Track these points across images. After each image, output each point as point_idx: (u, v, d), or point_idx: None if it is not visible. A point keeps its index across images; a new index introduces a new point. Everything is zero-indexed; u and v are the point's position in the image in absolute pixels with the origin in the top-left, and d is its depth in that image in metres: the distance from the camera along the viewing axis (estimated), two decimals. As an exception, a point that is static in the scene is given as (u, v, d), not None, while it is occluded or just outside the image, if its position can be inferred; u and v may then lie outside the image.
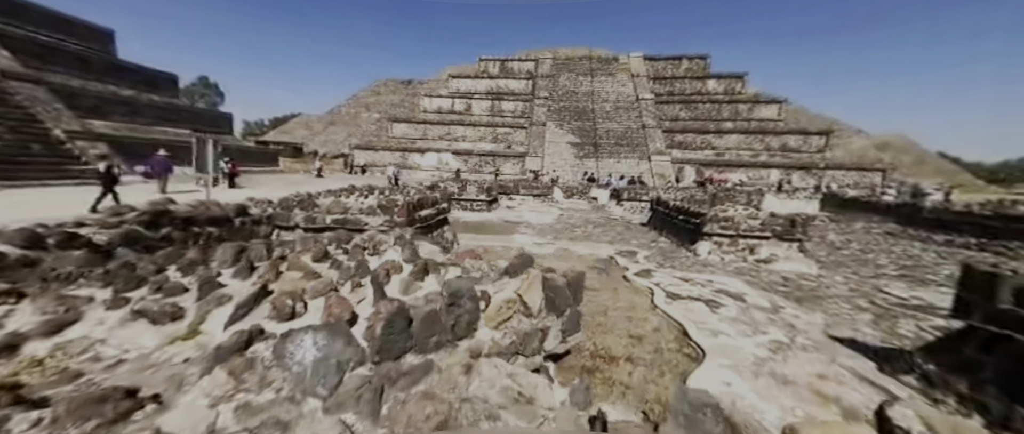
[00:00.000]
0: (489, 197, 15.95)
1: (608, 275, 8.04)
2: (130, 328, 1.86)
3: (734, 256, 9.16)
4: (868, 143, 46.99)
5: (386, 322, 1.83)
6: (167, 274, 2.33)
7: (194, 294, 2.10)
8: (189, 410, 1.38)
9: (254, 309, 1.99)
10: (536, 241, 10.89)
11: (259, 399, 1.49)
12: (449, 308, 2.11)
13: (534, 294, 2.64)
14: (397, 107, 55.74)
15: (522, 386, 1.67)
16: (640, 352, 4.89)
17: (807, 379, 4.08)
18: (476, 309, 2.28)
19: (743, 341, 4.97)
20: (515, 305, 2.51)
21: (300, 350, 1.64)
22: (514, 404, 1.61)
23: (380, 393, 1.57)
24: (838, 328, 5.48)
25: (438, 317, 2.08)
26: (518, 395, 1.63)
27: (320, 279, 2.31)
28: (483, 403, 1.58)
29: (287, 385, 1.58)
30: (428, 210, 8.11)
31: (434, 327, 2.06)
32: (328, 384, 1.58)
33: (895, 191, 21.09)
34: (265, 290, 2.11)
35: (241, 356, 1.62)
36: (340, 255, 2.87)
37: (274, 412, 1.45)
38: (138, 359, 1.73)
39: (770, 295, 6.74)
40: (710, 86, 39.95)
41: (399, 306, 1.89)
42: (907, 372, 4.01)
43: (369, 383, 1.57)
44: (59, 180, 13.45)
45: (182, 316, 1.95)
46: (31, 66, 16.12)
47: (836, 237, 12.64)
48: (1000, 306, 3.40)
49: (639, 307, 6.25)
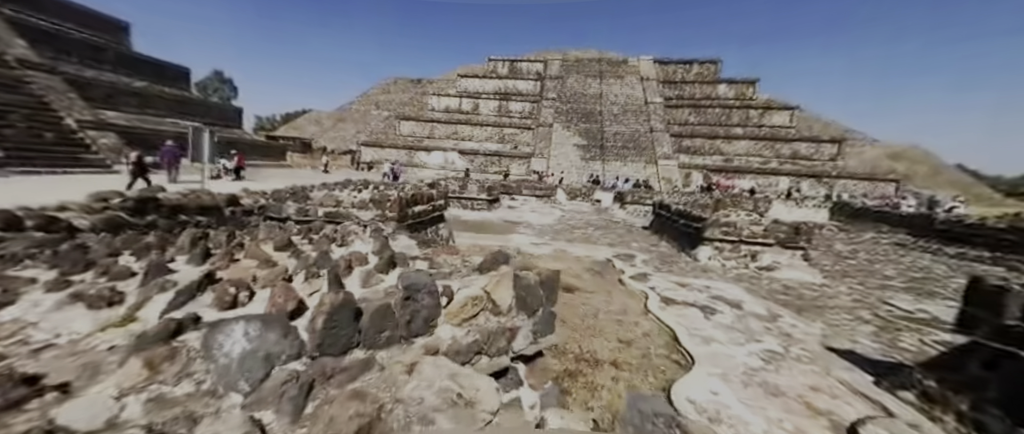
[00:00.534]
0: (490, 197, 15.85)
1: (603, 278, 7.88)
2: (65, 312, 1.79)
3: (735, 262, 8.92)
4: (882, 153, 45.95)
5: (329, 314, 1.72)
6: (119, 258, 2.26)
7: (140, 279, 2.02)
8: (93, 401, 1.28)
9: (196, 297, 1.90)
10: (534, 241, 10.76)
11: (175, 392, 1.39)
12: (404, 302, 2.00)
13: (504, 292, 2.52)
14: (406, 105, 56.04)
15: (463, 387, 1.56)
16: (627, 357, 4.74)
17: (799, 391, 3.90)
18: (436, 305, 2.17)
19: (735, 349, 4.79)
20: (482, 302, 2.39)
21: (229, 341, 1.55)
22: (452, 407, 1.49)
23: (308, 390, 1.47)
24: (837, 339, 5.26)
25: (391, 312, 1.98)
26: (457, 397, 1.52)
27: (274, 268, 2.21)
28: (417, 405, 1.47)
29: (210, 378, 1.48)
30: (422, 206, 8.03)
31: (386, 322, 1.96)
32: (252, 378, 1.48)
33: (915, 201, 20.48)
34: (212, 277, 2.02)
35: (166, 345, 1.52)
36: (305, 244, 2.78)
37: (190, 406, 1.36)
38: (68, 345, 1.65)
39: (769, 303, 6.52)
40: (721, 91, 39.45)
41: (345, 298, 1.78)
42: (906, 387, 3.80)
43: (296, 379, 1.47)
44: (70, 168, 13.67)
45: (121, 301, 1.87)
46: (46, 56, 16.47)
47: (843, 247, 12.28)
48: (1007, 322, 3.20)
49: (632, 311, 6.09)
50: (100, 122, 16.27)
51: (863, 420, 1.87)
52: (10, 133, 12.85)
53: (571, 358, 4.63)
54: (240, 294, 1.91)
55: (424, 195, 8.31)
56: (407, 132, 40.51)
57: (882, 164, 41.44)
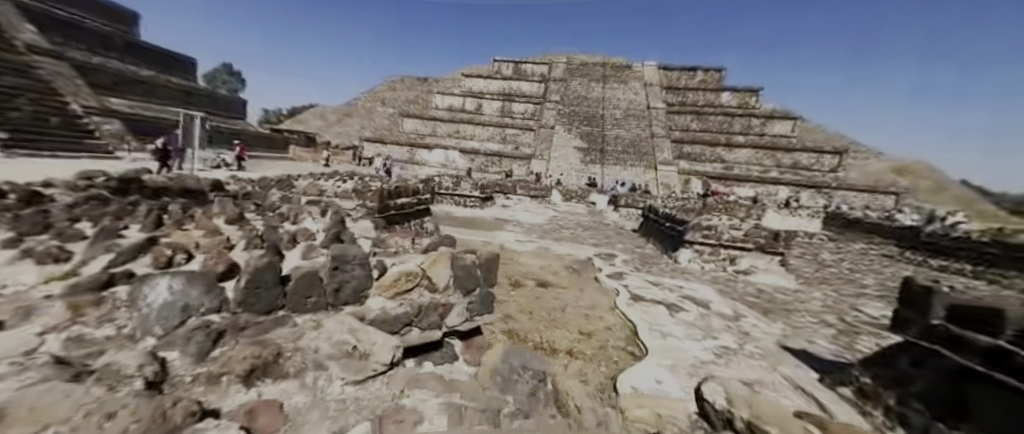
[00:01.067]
0: (483, 195, 16.03)
1: (580, 275, 8.02)
2: (15, 267, 1.97)
3: (714, 265, 9.03)
4: (886, 166, 45.66)
5: (252, 276, 1.89)
6: (76, 224, 2.45)
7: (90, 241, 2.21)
8: (17, 335, 1.46)
9: (137, 258, 2.08)
10: (519, 239, 10.91)
11: (95, 333, 1.57)
12: (333, 272, 2.16)
13: (440, 270, 2.68)
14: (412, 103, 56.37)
15: (360, 341, 1.72)
16: (584, 347, 4.88)
17: (742, 385, 4.02)
18: (367, 277, 2.33)
19: (691, 344, 4.92)
20: (417, 279, 2.55)
21: (153, 293, 1.72)
22: (346, 357, 1.65)
23: (217, 338, 1.64)
24: (795, 340, 5.37)
25: (318, 279, 2.14)
26: (352, 349, 1.68)
27: (218, 237, 2.39)
28: (313, 353, 1.63)
29: (131, 324, 1.65)
30: (406, 199, 8.21)
31: (312, 289, 2.12)
32: (168, 325, 1.65)
33: (917, 216, 20.38)
34: (155, 241, 2.20)
35: (94, 294, 1.70)
36: (257, 220, 2.96)
37: (106, 346, 1.53)
38: (12, 295, 1.83)
39: (737, 304, 6.63)
40: (724, 99, 39.39)
41: (269, 262, 1.95)
42: (845, 384, 3.92)
43: (208, 328, 1.64)
44: (73, 152, 13.99)
45: (68, 259, 2.05)
46: (55, 42, 16.86)
47: (830, 256, 12.33)
48: (932, 321, 3.31)
49: (600, 306, 6.23)
50: (105, 109, 16.63)
51: (706, 379, 2.02)
52: (16, 116, 13.19)
53: (529, 346, 4.78)
54: (177, 256, 2.08)
55: (409, 188, 8.49)
56: (410, 129, 40.79)
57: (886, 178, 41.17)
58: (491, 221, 13.86)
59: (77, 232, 2.26)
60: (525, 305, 6.00)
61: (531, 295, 6.50)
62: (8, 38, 15.31)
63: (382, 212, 6.89)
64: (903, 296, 3.68)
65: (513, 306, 5.94)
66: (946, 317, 3.24)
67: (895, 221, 15.15)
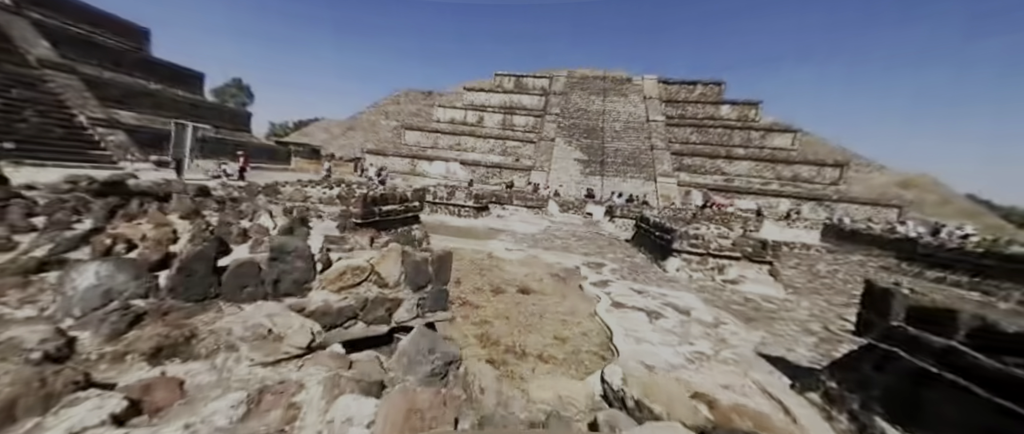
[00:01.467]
0: (478, 204, 16.11)
1: (565, 283, 7.99)
2: (-40, 254, 2.04)
3: (702, 274, 8.96)
4: (889, 179, 45.30)
5: (182, 264, 1.94)
6: (32, 218, 2.53)
7: (39, 233, 2.28)
8: (-64, 311, 1.52)
9: (79, 247, 2.15)
10: (509, 247, 10.92)
11: (15, 313, 1.62)
12: (272, 262, 2.21)
13: (390, 266, 2.71)
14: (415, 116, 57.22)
15: (276, 325, 1.75)
16: (556, 352, 4.85)
17: (708, 388, 3.95)
18: (310, 269, 2.37)
19: (664, 350, 4.86)
20: (365, 273, 2.59)
21: (80, 278, 1.77)
22: (259, 339, 1.68)
23: (134, 320, 1.68)
24: (774, 347, 5.28)
25: (255, 270, 2.19)
26: (267, 333, 1.71)
27: (165, 229, 2.46)
28: (227, 335, 1.67)
29: (54, 306, 1.70)
30: (393, 206, 8.29)
31: (249, 279, 2.17)
32: (87, 308, 1.70)
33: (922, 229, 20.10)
34: (99, 232, 2.27)
35: (21, 278, 1.76)
36: (213, 216, 3.03)
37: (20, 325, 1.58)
38: (-46, 279, 1.89)
39: (719, 312, 6.56)
40: (723, 112, 39.59)
41: (201, 251, 2.00)
42: (813, 389, 3.85)
43: (126, 310, 1.68)
44: (76, 162, 14.32)
45: (13, 248, 2.12)
46: (67, 57, 17.47)
47: (825, 267, 12.18)
48: (892, 323, 3.27)
49: (579, 313, 6.19)
50: (111, 120, 17.07)
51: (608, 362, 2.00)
52: (23, 127, 13.59)
53: (501, 349, 4.76)
54: (118, 246, 2.15)
55: (396, 196, 8.58)
56: (412, 141, 41.34)
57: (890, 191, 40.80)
58: (484, 230, 13.89)
59: (29, 225, 2.33)
60: (503, 310, 5.99)
61: (511, 301, 6.48)
62: (22, 52, 15.91)
63: (366, 218, 6.97)
64: (865, 298, 3.65)
65: (490, 311, 5.93)
66: (905, 319, 3.21)
67: (896, 233, 14.97)
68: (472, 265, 8.46)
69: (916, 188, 47.63)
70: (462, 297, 6.37)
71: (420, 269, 2.85)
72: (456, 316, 5.66)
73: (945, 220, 31.61)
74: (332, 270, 2.50)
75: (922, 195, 46.31)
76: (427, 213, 15.99)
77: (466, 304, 6.10)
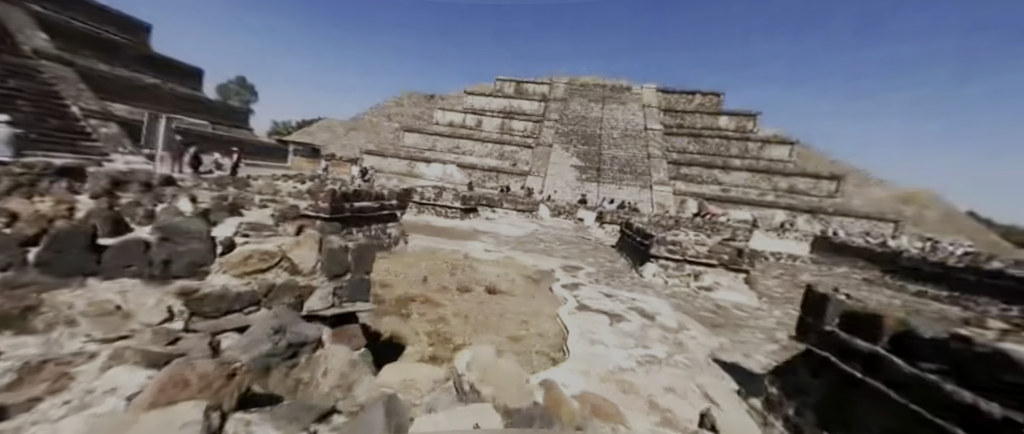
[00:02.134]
0: (465, 206, 16.09)
1: (537, 285, 7.94)
2: None
3: (678, 280, 8.89)
4: (889, 194, 45.10)
5: (51, 240, 1.93)
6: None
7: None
8: None
9: (-32, 220, 2.13)
10: (488, 249, 10.88)
11: None
12: (161, 242, 2.19)
13: (305, 253, 2.69)
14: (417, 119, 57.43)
15: (128, 301, 1.73)
16: (506, 350, 4.79)
17: (652, 391, 3.90)
18: (207, 252, 2.35)
19: (617, 352, 4.80)
20: (274, 259, 2.56)
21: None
22: (102, 315, 1.66)
23: (-14, 290, 1.66)
24: (731, 353, 5.22)
25: (140, 249, 2.17)
26: (115, 309, 1.69)
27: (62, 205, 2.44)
28: (67, 309, 1.64)
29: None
30: (368, 203, 8.28)
31: (132, 258, 2.14)
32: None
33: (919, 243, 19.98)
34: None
35: None
36: (128, 197, 3.02)
37: None
38: None
39: (685, 318, 6.49)
40: (722, 122, 39.64)
41: (73, 227, 1.99)
42: (757, 395, 3.79)
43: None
44: (68, 153, 14.38)
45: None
46: (64, 48, 17.65)
47: (809, 277, 12.07)
48: (826, 329, 3.22)
49: (543, 314, 6.14)
50: (105, 112, 17.19)
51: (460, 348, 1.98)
52: (16, 117, 13.68)
53: (450, 346, 4.72)
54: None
55: (371, 193, 8.58)
56: (410, 143, 41.50)
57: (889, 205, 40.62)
58: (469, 232, 13.87)
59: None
60: (463, 309, 5.94)
61: (475, 300, 6.44)
62: (18, 43, 16.08)
63: (335, 213, 6.95)
64: (805, 303, 3.60)
65: (451, 309, 5.89)
66: (839, 324, 3.16)
67: (884, 246, 14.87)
68: (445, 264, 8.42)
69: (916, 203, 47.36)
70: (425, 295, 6.33)
71: (338, 258, 2.82)
72: (413, 312, 5.63)
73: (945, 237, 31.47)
74: (235, 254, 2.47)
75: (922, 211, 46.04)
76: (414, 213, 15.99)
77: (428, 302, 6.06)
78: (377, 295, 6.12)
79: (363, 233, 8.08)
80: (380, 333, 4.80)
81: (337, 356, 1.61)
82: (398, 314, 5.44)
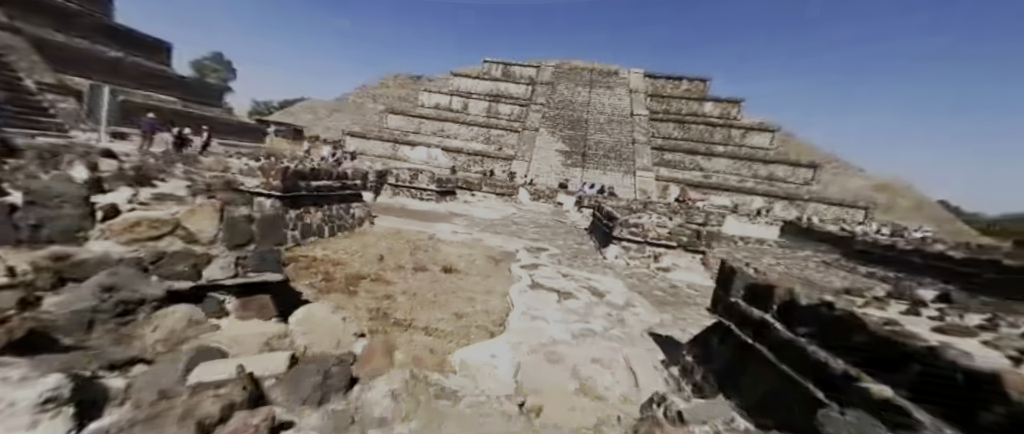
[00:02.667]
0: (441, 188, 16.01)
1: (497, 265, 8.01)
2: None
3: (639, 262, 9.08)
4: (866, 183, 46.29)
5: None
6: None
7: None
8: None
9: None
10: (457, 230, 10.90)
11: None
12: (28, 206, 2.15)
13: (202, 221, 2.67)
14: (403, 101, 56.28)
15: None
16: (446, 326, 4.89)
17: (579, 361, 4.03)
18: (83, 217, 2.31)
19: (556, 327, 4.94)
20: (167, 227, 2.54)
21: None
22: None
23: None
24: (670, 329, 5.40)
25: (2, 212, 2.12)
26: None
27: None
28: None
29: None
30: (327, 182, 8.18)
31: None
32: None
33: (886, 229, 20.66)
34: None
35: None
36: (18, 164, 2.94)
37: None
38: None
39: (634, 296, 6.67)
40: (706, 108, 39.79)
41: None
42: (676, 364, 3.96)
43: None
44: (23, 129, 13.76)
45: None
46: (14, 17, 16.67)
47: (771, 260, 12.44)
48: (731, 300, 3.36)
49: (494, 292, 6.23)
50: (62, 86, 16.42)
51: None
52: (-37, 88, 13.00)
53: (389, 322, 4.78)
54: None
55: (332, 173, 8.46)
56: (394, 125, 40.76)
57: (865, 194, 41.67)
58: (444, 214, 13.84)
59: None
60: (415, 287, 5.99)
61: (429, 279, 6.49)
62: (-38, 10, 15.14)
63: (289, 191, 6.85)
64: (719, 276, 3.73)
65: (400, 287, 5.93)
66: (743, 296, 3.29)
67: (844, 232, 15.36)
68: (408, 245, 8.44)
69: (891, 192, 48.72)
70: (378, 274, 6.36)
71: (240, 228, 2.80)
72: (361, 290, 5.66)
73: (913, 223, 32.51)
74: (119, 220, 2.45)
75: (896, 199, 47.44)
76: (389, 196, 15.85)
77: (379, 280, 6.09)
78: (327, 272, 6.13)
79: (323, 213, 8.01)
80: (321, 308, 4.83)
81: (175, 316, 1.64)
82: (345, 291, 5.47)
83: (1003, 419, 1.41)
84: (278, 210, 5.59)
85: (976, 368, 1.51)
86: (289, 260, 6.36)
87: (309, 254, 6.76)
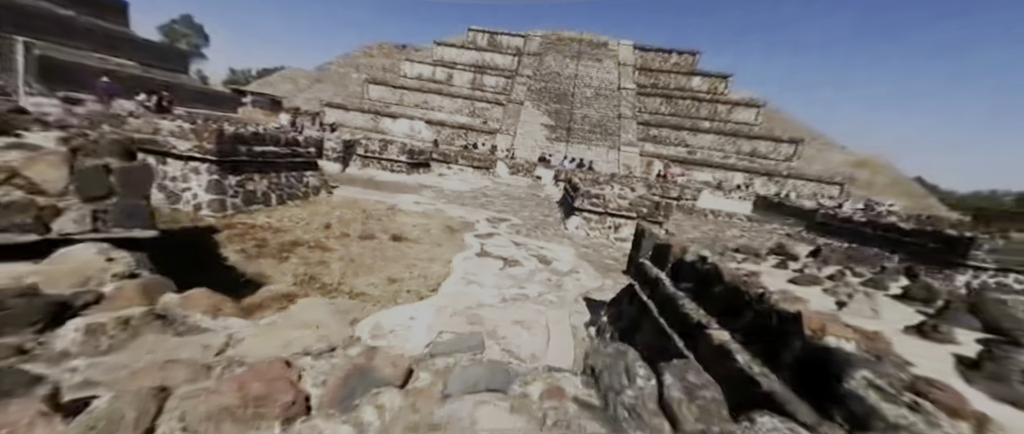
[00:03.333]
0: (412, 160, 15.66)
1: (452, 235, 7.90)
2: None
3: (599, 232, 9.08)
4: (847, 159, 46.85)
5: None
6: None
7: None
8: None
9: None
10: (419, 201, 10.72)
11: None
12: None
13: (48, 171, 2.47)
14: (388, 71, 54.28)
15: None
16: (376, 291, 4.81)
17: (500, 323, 4.01)
18: None
19: (489, 291, 4.91)
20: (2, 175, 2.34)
21: None
22: None
23: None
24: (607, 293, 5.38)
25: None
26: None
27: None
28: None
29: None
30: (271, 148, 7.85)
31: None
32: None
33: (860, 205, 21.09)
34: None
35: None
36: None
37: None
38: None
39: (583, 264, 6.67)
40: (694, 83, 39.33)
41: None
42: (595, 325, 3.97)
43: None
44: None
45: None
46: (-55, -32, 15.29)
47: (735, 232, 12.61)
48: (640, 260, 3.32)
49: (439, 260, 6.15)
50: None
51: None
52: None
53: (315, 286, 4.69)
54: None
55: (279, 138, 8.12)
56: (376, 97, 39.55)
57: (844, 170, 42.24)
58: (411, 186, 13.60)
59: None
60: (354, 254, 5.87)
61: (373, 246, 6.37)
62: None
63: (224, 155, 6.55)
64: (634, 239, 3.68)
65: (339, 254, 5.81)
66: (650, 257, 3.25)
67: (806, 206, 15.60)
68: (361, 213, 8.25)
69: (869, 169, 49.52)
70: (319, 241, 6.21)
71: (95, 178, 2.61)
72: (293, 257, 5.52)
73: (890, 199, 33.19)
74: None
75: (874, 176, 48.27)
76: (358, 167, 15.45)
77: (318, 247, 5.96)
78: (263, 239, 5.96)
79: (269, 180, 7.74)
80: (244, 273, 4.70)
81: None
82: (277, 257, 5.33)
83: (800, 353, 1.37)
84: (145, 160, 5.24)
85: (784, 309, 1.47)
86: (224, 226, 6.16)
87: (249, 221, 6.56)
